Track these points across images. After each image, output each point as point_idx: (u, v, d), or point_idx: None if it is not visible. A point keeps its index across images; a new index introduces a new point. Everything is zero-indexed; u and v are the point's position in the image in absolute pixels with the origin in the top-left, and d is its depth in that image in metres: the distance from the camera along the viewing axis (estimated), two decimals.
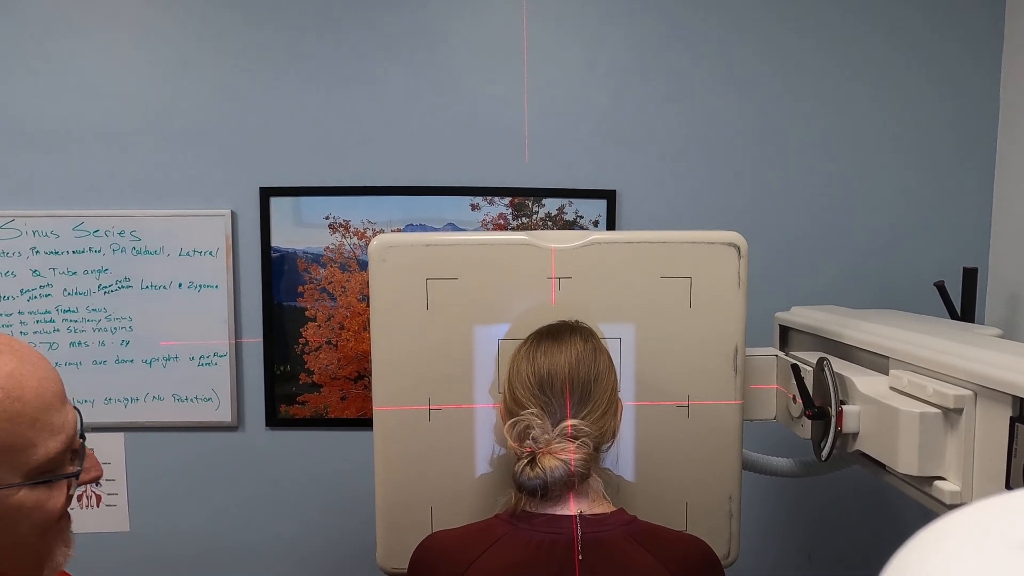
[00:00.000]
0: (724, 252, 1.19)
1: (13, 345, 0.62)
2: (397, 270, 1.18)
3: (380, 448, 1.21)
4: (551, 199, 1.86)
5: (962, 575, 0.30)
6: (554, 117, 1.85)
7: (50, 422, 0.60)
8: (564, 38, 1.84)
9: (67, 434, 0.62)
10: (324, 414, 1.91)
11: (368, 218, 1.86)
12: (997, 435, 0.88)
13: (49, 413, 0.61)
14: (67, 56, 1.81)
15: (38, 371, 0.61)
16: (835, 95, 1.85)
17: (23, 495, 0.59)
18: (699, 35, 1.84)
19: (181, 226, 1.84)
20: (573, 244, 1.19)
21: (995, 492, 0.89)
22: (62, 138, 1.83)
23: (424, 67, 1.83)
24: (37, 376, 0.60)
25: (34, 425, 0.59)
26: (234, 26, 1.82)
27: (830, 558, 1.96)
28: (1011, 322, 1.78)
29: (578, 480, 0.99)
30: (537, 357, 1.03)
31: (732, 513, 1.23)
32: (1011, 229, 1.81)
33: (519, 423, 1.00)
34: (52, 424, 0.60)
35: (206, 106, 1.83)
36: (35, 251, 1.84)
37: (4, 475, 0.57)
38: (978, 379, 0.91)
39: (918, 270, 1.86)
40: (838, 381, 1.13)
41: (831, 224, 1.88)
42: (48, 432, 0.60)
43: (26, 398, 0.59)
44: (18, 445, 0.58)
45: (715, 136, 1.86)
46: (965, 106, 1.85)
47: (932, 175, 1.87)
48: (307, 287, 1.87)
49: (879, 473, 1.10)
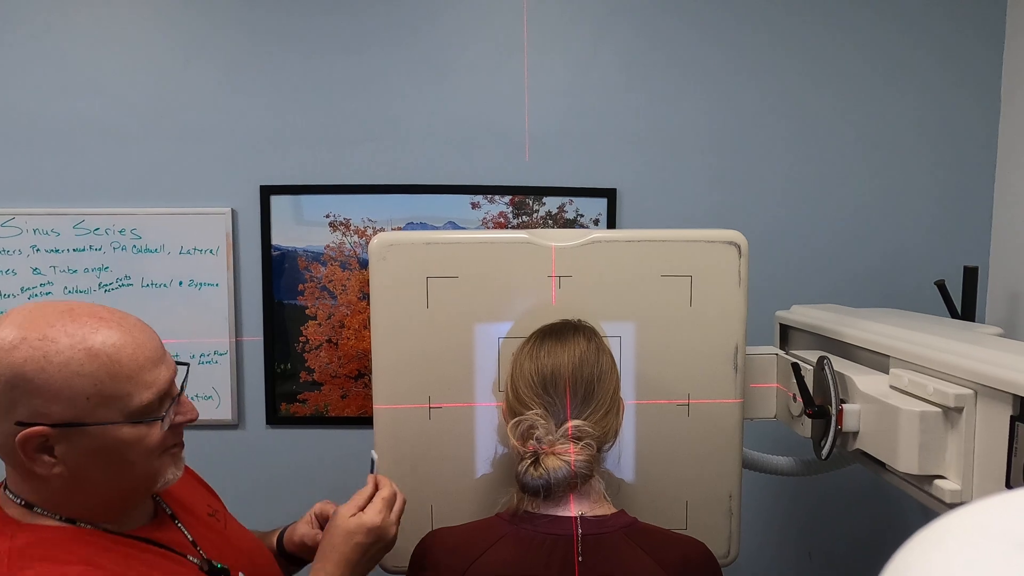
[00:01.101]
0: (725, 251, 1.19)
1: (117, 317, 0.83)
2: (398, 268, 1.18)
3: (380, 446, 1.21)
4: (551, 198, 1.85)
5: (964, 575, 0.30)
6: (555, 116, 1.85)
7: (143, 379, 0.81)
8: (565, 36, 1.84)
9: (158, 388, 0.83)
10: (324, 412, 1.91)
11: (369, 216, 1.86)
12: (997, 434, 0.88)
13: (142, 372, 0.81)
14: (68, 53, 1.81)
15: (136, 340, 0.82)
16: (837, 95, 1.85)
17: (126, 430, 0.81)
18: (700, 34, 1.83)
19: (182, 224, 1.84)
20: (573, 243, 1.18)
21: (995, 491, 0.89)
22: (63, 136, 1.83)
23: (425, 65, 1.83)
24: (135, 344, 0.81)
25: (130, 381, 0.80)
26: (235, 24, 1.82)
27: (830, 556, 1.96)
28: (1011, 321, 1.78)
29: (580, 481, 0.99)
30: (540, 356, 1.03)
31: (732, 511, 1.23)
32: (1012, 228, 1.81)
33: (522, 423, 1.00)
34: (145, 380, 0.81)
35: (207, 104, 1.83)
36: (35, 249, 1.84)
37: (110, 415, 0.79)
38: (978, 378, 0.91)
39: (919, 269, 1.86)
40: (838, 380, 1.13)
41: (832, 223, 1.88)
42: (142, 386, 0.81)
43: (123, 361, 0.80)
44: (118, 395, 0.79)
45: (716, 135, 1.86)
46: (966, 106, 1.85)
47: (933, 175, 1.87)
48: (308, 285, 1.87)
49: (879, 472, 1.10)
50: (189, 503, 1.00)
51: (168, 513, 0.94)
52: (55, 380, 0.76)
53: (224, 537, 1.00)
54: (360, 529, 1.00)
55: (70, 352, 0.77)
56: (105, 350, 0.78)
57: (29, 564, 0.76)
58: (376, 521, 1.01)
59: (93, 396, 0.78)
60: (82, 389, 0.77)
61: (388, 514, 1.03)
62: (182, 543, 0.91)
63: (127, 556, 0.83)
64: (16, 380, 0.75)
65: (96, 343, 0.78)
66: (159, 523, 0.92)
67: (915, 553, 0.34)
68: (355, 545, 0.99)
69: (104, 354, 0.78)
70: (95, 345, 0.78)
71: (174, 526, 0.93)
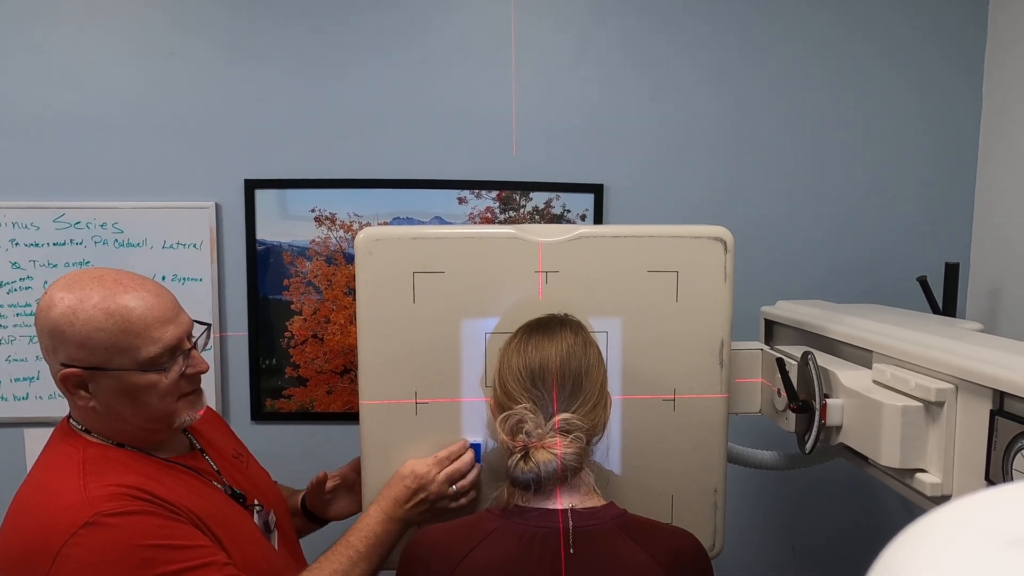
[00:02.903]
0: (710, 246, 1.19)
1: (137, 283, 1.01)
2: (384, 263, 1.17)
3: (367, 442, 1.20)
4: (538, 193, 1.85)
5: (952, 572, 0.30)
6: (542, 111, 1.84)
7: (151, 335, 0.99)
8: (552, 31, 1.83)
9: (164, 343, 1.00)
10: (310, 408, 1.90)
11: (354, 211, 1.85)
12: (977, 428, 0.89)
13: (150, 330, 0.99)
14: (49, 45, 1.78)
15: (147, 303, 1.00)
16: (820, 93, 1.86)
17: (137, 377, 0.99)
18: (687, 31, 1.84)
19: (165, 218, 1.82)
20: (560, 238, 1.18)
21: (975, 484, 0.90)
22: (43, 128, 1.80)
23: (411, 59, 1.82)
24: (145, 306, 0.99)
25: (139, 336, 0.98)
26: (219, 16, 1.79)
27: (814, 550, 1.98)
28: (991, 316, 1.81)
29: (571, 474, 0.99)
30: (528, 350, 1.03)
31: (717, 505, 1.24)
32: (992, 226, 1.84)
33: (511, 417, 1.00)
34: (152, 336, 0.99)
35: (190, 97, 1.81)
36: (14, 243, 1.81)
37: (124, 363, 0.98)
38: (959, 373, 0.92)
39: (901, 265, 1.88)
40: (822, 375, 1.14)
41: (817, 219, 1.89)
42: (150, 342, 0.99)
43: (134, 320, 0.98)
44: (129, 347, 0.98)
45: (702, 131, 1.86)
46: (948, 104, 1.87)
47: (915, 173, 1.89)
48: (293, 280, 1.86)
49: (862, 466, 1.11)
50: (218, 443, 1.21)
51: (198, 448, 1.15)
52: (80, 333, 0.96)
53: (245, 475, 1.20)
54: (409, 473, 1.15)
55: (92, 311, 0.97)
56: (120, 311, 0.98)
57: (101, 471, 0.97)
58: (422, 471, 1.15)
59: (110, 347, 0.97)
60: (100, 341, 0.97)
61: (437, 471, 1.15)
62: (210, 472, 1.12)
63: (170, 475, 1.04)
64: (55, 331, 0.97)
65: (113, 305, 0.97)
66: (193, 455, 1.12)
67: (903, 550, 0.34)
68: (403, 488, 1.15)
69: (118, 314, 0.97)
70: (111, 307, 0.97)
71: (204, 459, 1.14)
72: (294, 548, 1.25)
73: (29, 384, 1.85)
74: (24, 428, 1.86)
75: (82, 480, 0.95)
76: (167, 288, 1.07)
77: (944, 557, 0.31)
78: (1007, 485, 0.36)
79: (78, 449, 1.00)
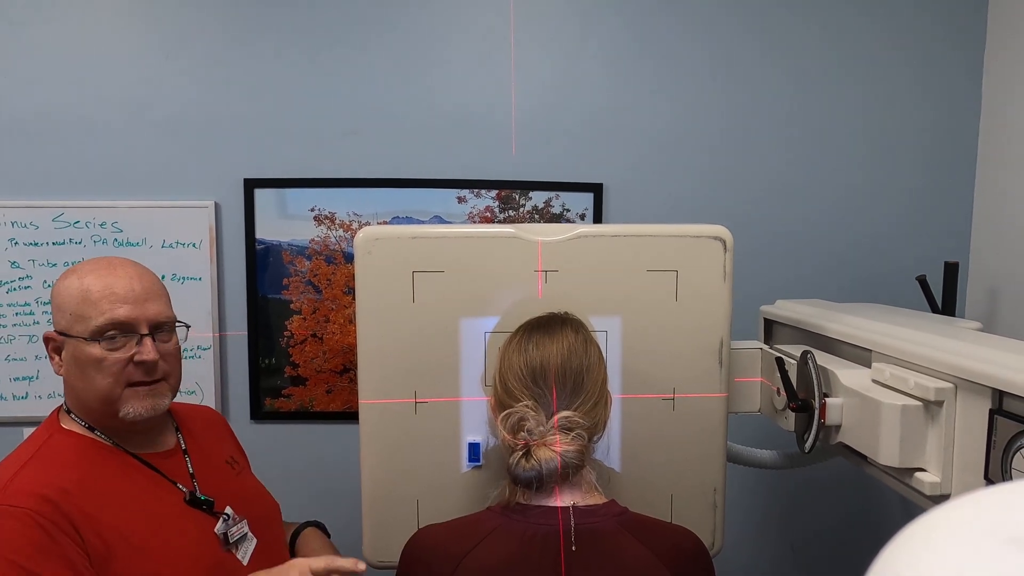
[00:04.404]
0: (710, 245, 1.19)
1: (118, 267, 1.10)
2: (383, 263, 1.17)
3: (366, 441, 1.20)
4: (538, 192, 1.85)
5: (952, 571, 0.30)
6: (541, 110, 1.84)
7: (101, 308, 1.06)
8: (552, 30, 1.83)
9: (110, 316, 1.05)
10: (309, 407, 1.90)
11: (354, 210, 1.84)
12: (976, 427, 0.89)
13: (102, 303, 1.06)
14: (48, 45, 1.78)
15: (110, 283, 1.07)
16: (820, 91, 1.86)
17: (87, 347, 1.05)
18: (687, 30, 1.84)
19: (164, 217, 1.82)
20: (560, 237, 1.18)
21: (974, 483, 0.90)
22: (42, 128, 1.80)
23: (411, 58, 1.82)
24: (108, 286, 1.07)
25: (93, 307, 1.06)
26: (218, 15, 1.79)
27: (812, 549, 1.99)
28: (991, 316, 1.81)
29: (572, 471, 0.99)
30: (529, 349, 1.03)
31: (716, 504, 1.24)
32: (992, 224, 1.84)
33: (512, 415, 1.00)
34: (102, 309, 1.06)
35: (189, 96, 1.81)
36: (13, 242, 1.81)
37: (80, 331, 1.06)
38: (958, 372, 0.92)
39: (901, 264, 1.88)
40: (821, 374, 1.14)
41: (816, 219, 1.89)
42: (98, 313, 1.05)
43: (93, 293, 1.06)
44: (84, 316, 1.06)
45: (701, 130, 1.86)
46: (948, 103, 1.87)
47: (915, 172, 1.89)
48: (292, 280, 1.86)
49: (861, 465, 1.11)
50: (208, 447, 1.22)
51: (183, 449, 1.16)
52: (58, 298, 1.09)
53: (234, 483, 1.20)
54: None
55: (72, 282, 1.08)
56: (88, 284, 1.07)
57: (45, 464, 1.02)
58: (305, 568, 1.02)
59: (73, 314, 1.07)
60: (68, 307, 1.07)
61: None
62: (181, 475, 1.12)
63: (124, 472, 1.07)
64: (52, 298, 1.10)
65: (87, 279, 1.08)
66: (170, 454, 1.14)
67: (902, 550, 0.34)
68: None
69: (85, 287, 1.07)
70: (85, 281, 1.08)
71: (183, 459, 1.15)
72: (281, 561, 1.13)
73: (28, 383, 1.85)
74: (24, 427, 1.86)
75: (20, 468, 1.01)
76: (159, 282, 1.13)
77: (943, 556, 0.31)
78: (1006, 484, 0.36)
79: (45, 434, 1.08)
